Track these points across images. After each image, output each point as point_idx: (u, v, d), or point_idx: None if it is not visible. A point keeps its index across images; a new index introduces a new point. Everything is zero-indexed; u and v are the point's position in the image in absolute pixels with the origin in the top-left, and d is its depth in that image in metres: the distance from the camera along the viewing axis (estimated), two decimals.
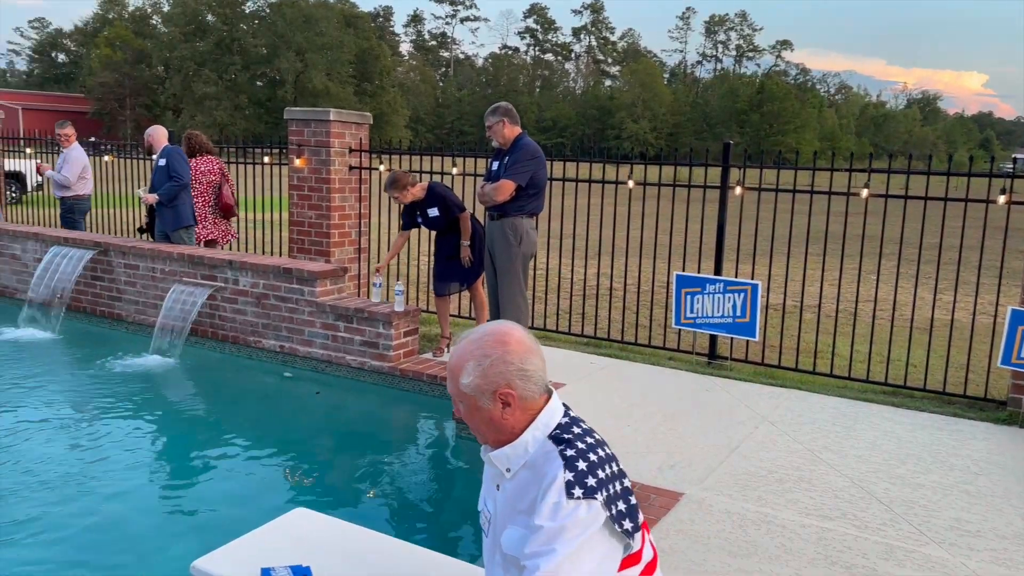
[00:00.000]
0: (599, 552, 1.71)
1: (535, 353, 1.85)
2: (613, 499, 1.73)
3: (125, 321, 6.94)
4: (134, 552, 3.37)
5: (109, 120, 56.65)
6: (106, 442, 4.53)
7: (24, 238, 7.58)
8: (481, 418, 1.85)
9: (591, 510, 1.69)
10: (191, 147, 7.61)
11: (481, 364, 1.81)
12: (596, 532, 1.69)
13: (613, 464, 1.81)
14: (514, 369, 1.79)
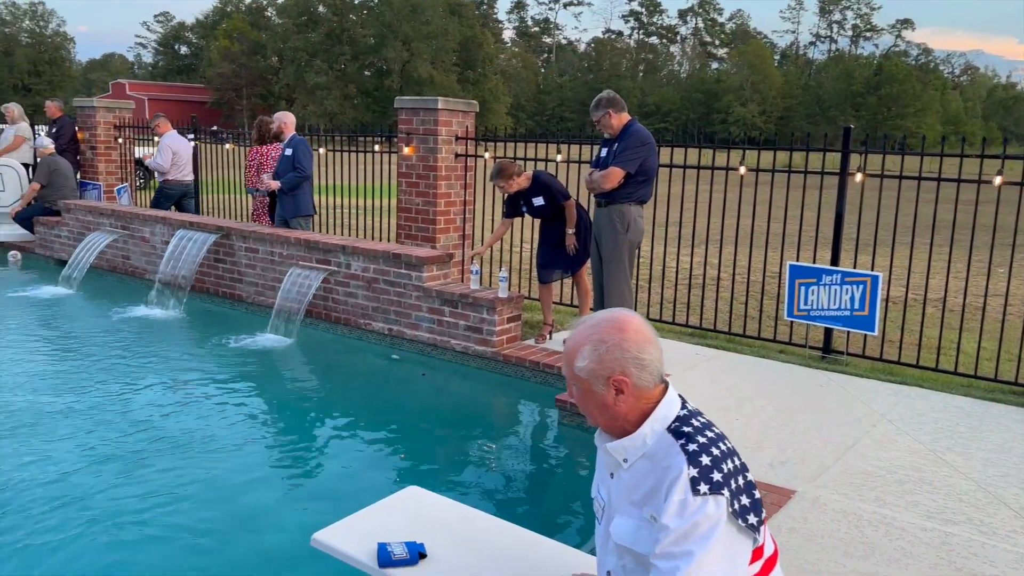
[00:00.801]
0: (731, 549, 1.69)
1: (652, 343, 1.84)
2: (737, 494, 1.70)
3: (245, 302, 7.30)
4: (254, 522, 3.55)
5: (227, 109, 59.45)
6: (225, 416, 4.78)
7: (153, 222, 8.07)
8: (594, 402, 1.85)
9: (719, 507, 1.67)
10: (261, 134, 7.92)
11: (597, 349, 1.82)
12: (725, 528, 1.67)
13: (735, 458, 1.78)
14: (630, 357, 1.79)
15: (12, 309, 7.21)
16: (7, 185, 9.74)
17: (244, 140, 10.58)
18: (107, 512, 3.52)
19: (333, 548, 2.31)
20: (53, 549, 3.20)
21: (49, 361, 5.79)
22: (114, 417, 4.67)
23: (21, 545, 3.22)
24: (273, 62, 61.62)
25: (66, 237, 9.02)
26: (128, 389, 5.18)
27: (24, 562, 3.11)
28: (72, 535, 3.32)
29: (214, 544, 3.32)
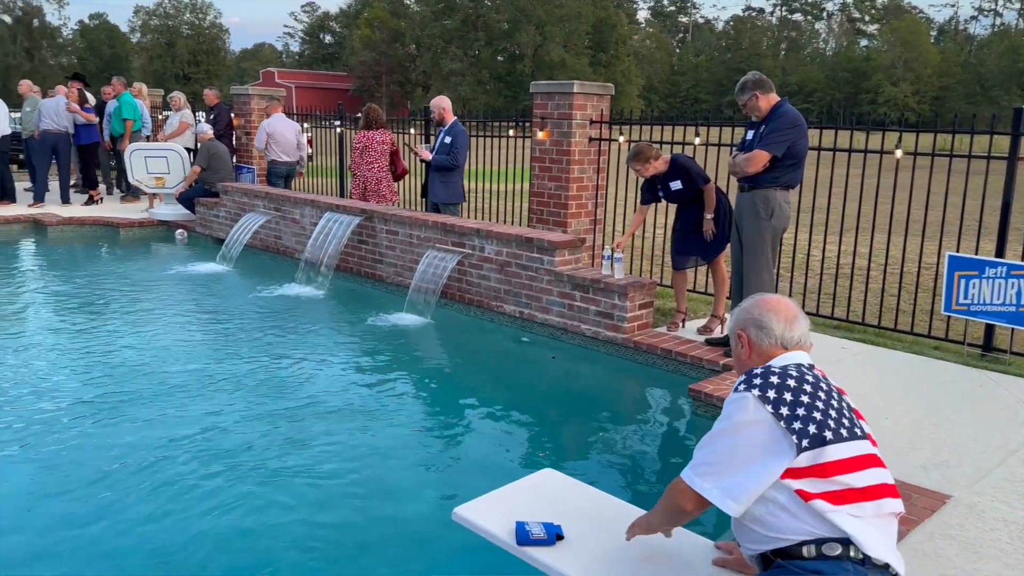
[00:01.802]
0: (759, 442, 2.02)
1: (778, 313, 2.23)
2: (782, 403, 2.01)
3: (384, 282, 7.59)
4: (392, 492, 3.70)
5: (368, 97, 61.69)
6: (365, 390, 5.00)
7: (303, 204, 8.51)
8: (734, 354, 2.33)
9: (746, 400, 2.05)
10: (368, 120, 8.51)
11: (735, 313, 2.35)
12: (759, 423, 2.03)
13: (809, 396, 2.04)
14: (751, 319, 2.26)
15: (176, 283, 7.82)
16: (172, 168, 10.54)
17: None
18: (252, 475, 3.77)
19: (473, 523, 2.38)
20: (202, 506, 3.47)
21: (206, 332, 6.25)
22: (262, 386, 4.99)
23: (175, 498, 3.51)
24: (411, 50, 63.36)
25: (223, 217, 9.67)
26: (276, 361, 5.51)
27: (175, 513, 3.39)
28: (218, 494, 3.58)
29: (352, 513, 3.49)
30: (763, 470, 2.00)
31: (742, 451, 2.03)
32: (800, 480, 1.98)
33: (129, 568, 3.04)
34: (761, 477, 2.00)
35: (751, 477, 2.00)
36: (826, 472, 1.97)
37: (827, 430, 1.99)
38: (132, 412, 4.50)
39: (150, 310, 6.85)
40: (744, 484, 2.01)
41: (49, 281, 7.87)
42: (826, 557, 1.95)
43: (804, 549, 1.97)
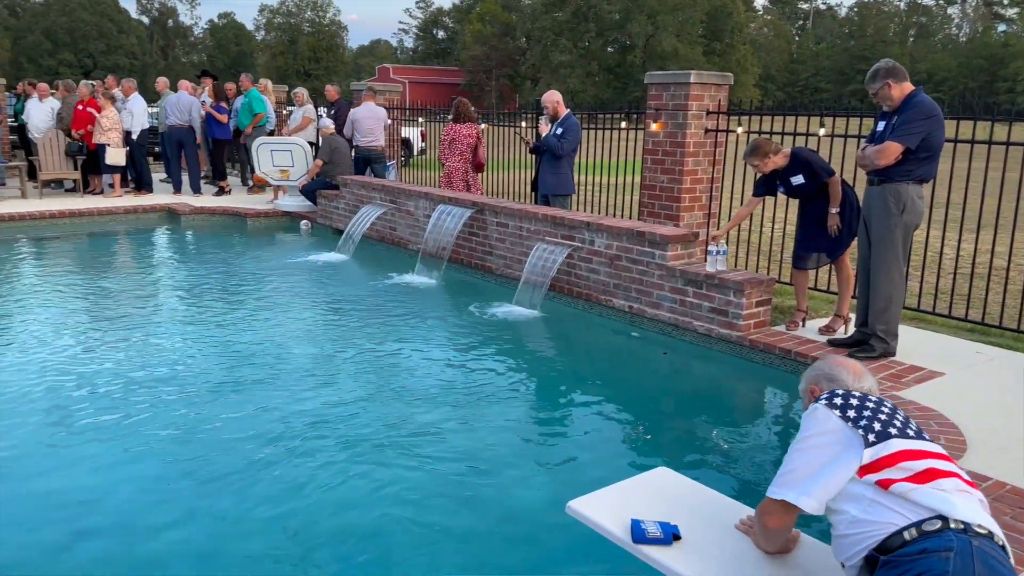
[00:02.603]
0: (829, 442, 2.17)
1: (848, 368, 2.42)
2: (848, 408, 2.19)
3: (494, 273, 7.67)
4: (501, 482, 3.74)
5: (477, 90, 62.43)
6: (475, 379, 5.07)
7: (417, 197, 8.71)
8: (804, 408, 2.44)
9: (815, 410, 2.24)
10: (458, 114, 9.00)
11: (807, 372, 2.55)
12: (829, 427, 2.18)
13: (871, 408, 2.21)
14: (822, 373, 2.45)
15: (298, 272, 8.17)
16: (296, 161, 11.00)
17: (495, 120, 11.07)
18: (366, 456, 3.90)
19: (587, 518, 2.37)
20: (320, 483, 3.61)
21: (326, 318, 6.50)
22: (377, 371, 5.15)
23: (295, 473, 3.67)
24: (521, 43, 63.62)
25: (343, 209, 10.02)
26: (390, 347, 5.67)
27: (296, 487, 3.54)
28: (333, 473, 3.71)
29: (460, 501, 3.55)
30: (836, 467, 2.12)
31: (814, 453, 2.17)
32: (877, 473, 2.08)
33: (257, 539, 3.21)
34: (835, 474, 2.12)
35: (825, 474, 2.13)
36: (895, 460, 2.09)
37: (891, 427, 2.15)
38: (256, 391, 4.74)
39: (274, 295, 7.19)
40: (818, 481, 2.13)
41: (181, 267, 8.38)
42: (928, 533, 1.96)
43: (905, 534, 1.99)
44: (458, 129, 8.98)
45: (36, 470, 3.73)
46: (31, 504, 3.43)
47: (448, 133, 9.07)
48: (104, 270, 8.20)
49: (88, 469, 3.76)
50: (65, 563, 3.02)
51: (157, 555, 3.08)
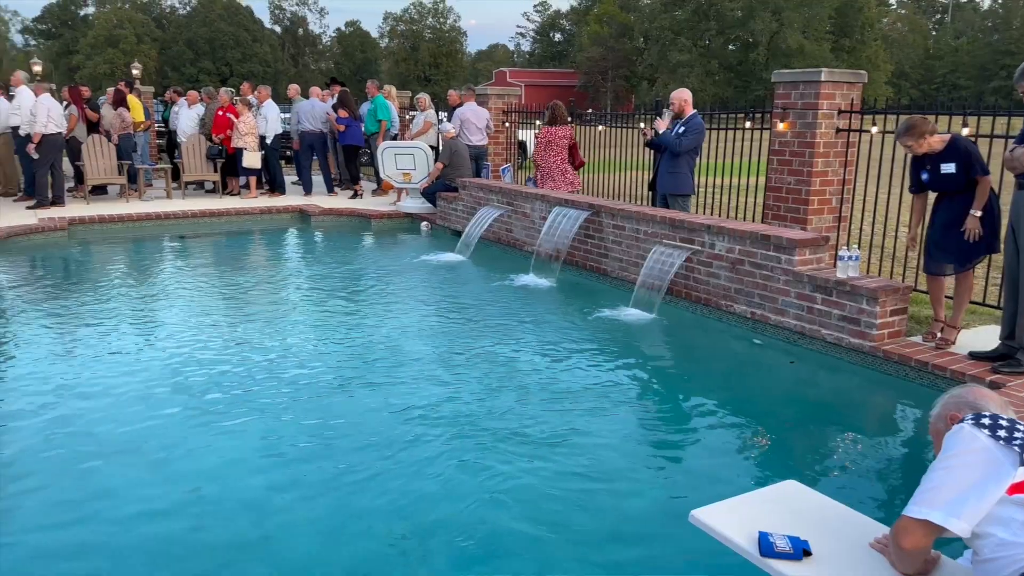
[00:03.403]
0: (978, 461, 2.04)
1: (993, 399, 2.30)
2: (997, 427, 2.08)
3: (609, 276, 7.62)
4: (617, 490, 3.70)
5: (593, 92, 62.23)
6: (590, 382, 5.05)
7: (533, 199, 8.77)
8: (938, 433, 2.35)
9: (960, 430, 2.13)
10: (553, 116, 9.40)
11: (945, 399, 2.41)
12: (976, 445, 2.07)
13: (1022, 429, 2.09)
14: (967, 402, 2.31)
15: (418, 271, 8.40)
16: (418, 164, 11.30)
17: (611, 122, 11.00)
18: (480, 451, 3.95)
19: (712, 528, 2.32)
20: (435, 475, 3.69)
21: (444, 316, 6.65)
22: (493, 369, 5.22)
23: (411, 463, 3.76)
24: (638, 43, 62.99)
25: (461, 211, 10.22)
26: (506, 346, 5.74)
27: (411, 476, 3.63)
28: (448, 467, 3.79)
29: (573, 503, 3.54)
30: (985, 486, 2.01)
31: (962, 472, 2.05)
32: None
33: (376, 525, 3.33)
34: (985, 494, 2.00)
35: (974, 494, 2.01)
36: None
37: None
38: (377, 384, 4.92)
39: (395, 294, 7.42)
40: (967, 500, 2.01)
41: (310, 265, 8.78)
42: None
43: None
44: (554, 132, 9.39)
45: (173, 453, 4.00)
46: (164, 485, 3.67)
47: (544, 135, 9.50)
48: (240, 267, 8.70)
49: (216, 453, 4.00)
50: (196, 540, 3.23)
51: (280, 534, 3.25)
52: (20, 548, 3.14)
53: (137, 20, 69.07)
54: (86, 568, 3.04)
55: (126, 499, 3.53)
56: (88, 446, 4.03)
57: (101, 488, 3.62)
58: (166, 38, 69.72)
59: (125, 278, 8.00)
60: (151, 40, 67.93)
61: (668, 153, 7.56)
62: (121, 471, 3.78)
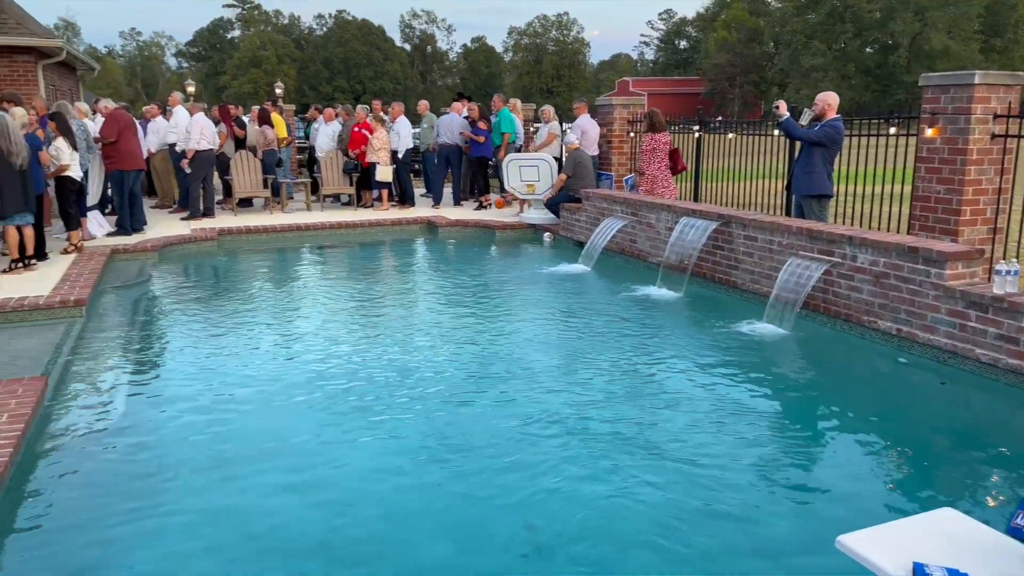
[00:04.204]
0: None
1: None
2: None
3: (740, 289, 7.40)
4: (749, 509, 3.58)
5: (719, 99, 60.84)
6: (718, 399, 4.91)
7: (659, 209, 8.65)
8: None
9: None
10: (652, 124, 9.70)
11: None
12: None
13: None
14: None
15: (542, 282, 8.45)
16: (541, 176, 11.40)
17: (742, 129, 10.69)
18: (603, 463, 3.91)
19: (861, 555, 2.20)
20: (561, 481, 3.68)
21: (567, 326, 6.65)
22: (616, 381, 5.18)
23: (533, 469, 3.77)
24: (768, 48, 61.12)
25: (584, 221, 10.22)
26: (630, 358, 5.68)
27: (528, 479, 3.64)
28: (572, 475, 3.77)
29: (702, 518, 3.45)
30: None
31: None
32: None
33: (500, 533, 3.37)
34: None
35: None
36: None
37: None
38: (504, 391, 4.98)
39: (520, 303, 7.50)
40: None
41: (437, 274, 9.02)
42: None
43: None
44: (657, 138, 9.70)
45: (307, 453, 4.19)
46: (300, 483, 3.85)
47: (648, 143, 9.81)
48: (372, 276, 9.05)
49: (349, 455, 4.16)
50: (329, 538, 3.36)
51: (408, 537, 3.35)
52: (163, 541, 3.38)
53: (279, 42, 73.44)
54: (222, 563, 3.24)
55: (264, 495, 3.73)
56: (231, 444, 4.29)
57: (241, 485, 3.84)
58: (304, 58, 73.70)
59: (268, 285, 8.49)
60: (291, 60, 72.00)
61: (803, 152, 7.31)
62: (260, 469, 3.99)
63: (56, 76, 15.09)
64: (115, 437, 4.36)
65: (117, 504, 3.62)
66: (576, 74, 79.37)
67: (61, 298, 6.79)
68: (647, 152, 9.86)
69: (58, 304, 6.70)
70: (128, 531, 3.41)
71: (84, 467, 4.00)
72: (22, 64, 12.99)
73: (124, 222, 10.35)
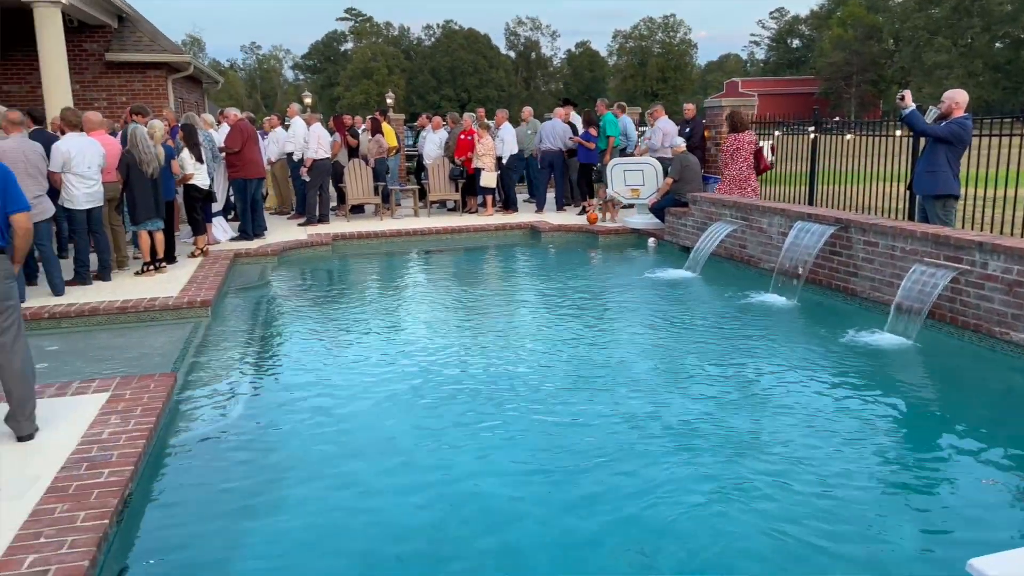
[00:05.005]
0: None
1: None
2: None
3: (859, 297, 7.07)
4: (864, 528, 3.41)
5: (834, 99, 58.49)
6: (834, 412, 4.69)
7: (772, 213, 8.38)
8: None
9: None
10: (733, 124, 9.77)
11: None
12: None
13: None
14: None
15: (648, 287, 8.34)
16: (647, 180, 11.26)
17: (860, 129, 10.23)
18: (714, 470, 3.81)
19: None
20: (668, 493, 3.61)
21: (672, 333, 6.53)
22: (725, 391, 5.04)
23: (631, 472, 3.71)
24: (888, 45, 58.30)
25: (691, 226, 10.02)
26: (738, 367, 5.52)
27: (631, 482, 3.57)
28: (676, 476, 3.69)
29: (817, 536, 3.31)
30: None
31: None
32: None
33: (607, 538, 3.34)
34: None
35: None
36: None
37: None
38: (609, 396, 4.94)
39: (625, 308, 7.43)
40: None
41: (540, 278, 9.03)
42: None
43: None
44: (741, 139, 9.75)
45: (415, 454, 4.27)
46: (409, 484, 3.93)
47: (731, 143, 9.85)
48: (476, 280, 9.18)
49: (455, 456, 4.21)
50: (437, 537, 3.42)
51: (515, 541, 3.37)
52: (283, 531, 3.52)
53: (389, 53, 75.70)
54: (343, 558, 3.34)
55: (373, 493, 3.83)
56: (343, 441, 4.44)
57: (352, 482, 3.96)
58: (412, 68, 75.64)
59: (378, 288, 8.75)
60: (400, 71, 74.03)
61: (927, 150, 6.94)
62: (369, 468, 4.11)
63: (184, 89, 16.09)
64: (236, 431, 4.59)
65: (237, 494, 3.81)
66: (682, 76, 78.04)
67: (189, 299, 7.21)
68: (727, 153, 9.94)
69: (186, 305, 7.12)
70: (247, 521, 3.58)
71: (208, 459, 4.23)
72: (154, 79, 13.93)
73: (246, 227, 10.89)
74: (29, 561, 3.00)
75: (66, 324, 6.81)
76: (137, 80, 13.79)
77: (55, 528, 3.23)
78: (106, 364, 5.78)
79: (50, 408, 4.50)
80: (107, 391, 4.84)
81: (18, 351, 4.12)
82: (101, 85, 13.69)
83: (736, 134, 9.80)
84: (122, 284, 7.96)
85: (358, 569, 3.23)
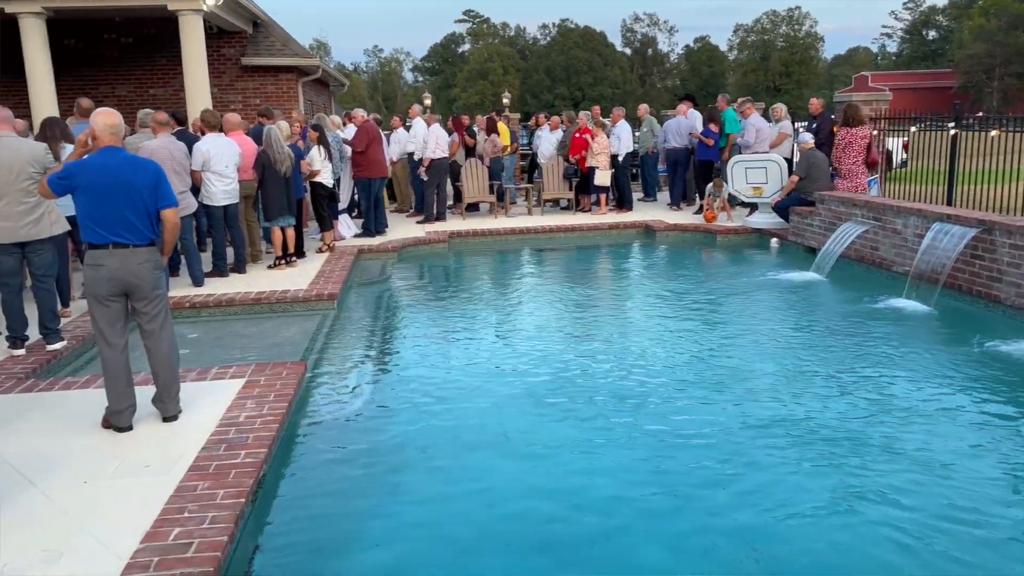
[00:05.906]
0: None
1: None
2: None
3: (1003, 304, 6.59)
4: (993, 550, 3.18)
5: (974, 92, 54.71)
6: (974, 427, 4.41)
7: (907, 213, 7.92)
8: None
9: None
10: (847, 118, 9.53)
11: None
12: None
13: None
14: None
15: (771, 289, 8.06)
16: (770, 177, 10.89)
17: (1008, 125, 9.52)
18: (836, 478, 3.64)
19: None
20: (787, 496, 3.46)
21: (803, 337, 6.29)
22: (858, 395, 4.81)
23: (749, 479, 3.58)
24: None
25: (817, 226, 9.61)
26: (875, 373, 5.26)
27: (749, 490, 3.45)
28: (802, 491, 3.53)
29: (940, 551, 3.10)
30: None
31: None
32: None
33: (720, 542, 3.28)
34: None
35: None
36: None
37: None
38: (729, 399, 4.84)
39: (747, 310, 7.21)
40: None
41: (655, 278, 8.91)
42: None
43: None
44: (854, 133, 9.51)
45: (528, 450, 4.29)
46: (520, 478, 3.95)
47: (844, 137, 9.61)
48: (589, 279, 9.15)
49: (570, 454, 4.21)
50: (547, 531, 3.42)
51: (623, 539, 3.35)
52: (403, 516, 3.61)
53: (504, 53, 76.45)
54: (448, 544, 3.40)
55: (491, 486, 3.89)
56: (461, 433, 4.52)
57: (468, 474, 4.03)
58: (527, 67, 76.13)
59: (493, 285, 8.87)
60: (515, 71, 74.64)
61: None
62: (486, 460, 4.17)
63: (312, 91, 16.81)
64: (361, 419, 4.76)
65: (361, 480, 3.96)
66: (807, 70, 74.95)
67: (317, 292, 7.54)
68: (839, 147, 9.70)
69: (314, 297, 7.44)
70: (370, 506, 3.71)
71: (335, 444, 4.41)
72: (286, 81, 14.62)
73: (369, 225, 11.27)
74: (175, 534, 3.21)
75: (205, 313, 7.26)
76: (270, 83, 14.51)
77: (197, 504, 3.44)
78: (242, 351, 6.12)
79: (192, 392, 4.80)
80: (243, 377, 5.12)
81: (165, 337, 4.41)
82: (237, 88, 14.50)
83: (849, 128, 9.53)
84: (256, 277, 8.41)
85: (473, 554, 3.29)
